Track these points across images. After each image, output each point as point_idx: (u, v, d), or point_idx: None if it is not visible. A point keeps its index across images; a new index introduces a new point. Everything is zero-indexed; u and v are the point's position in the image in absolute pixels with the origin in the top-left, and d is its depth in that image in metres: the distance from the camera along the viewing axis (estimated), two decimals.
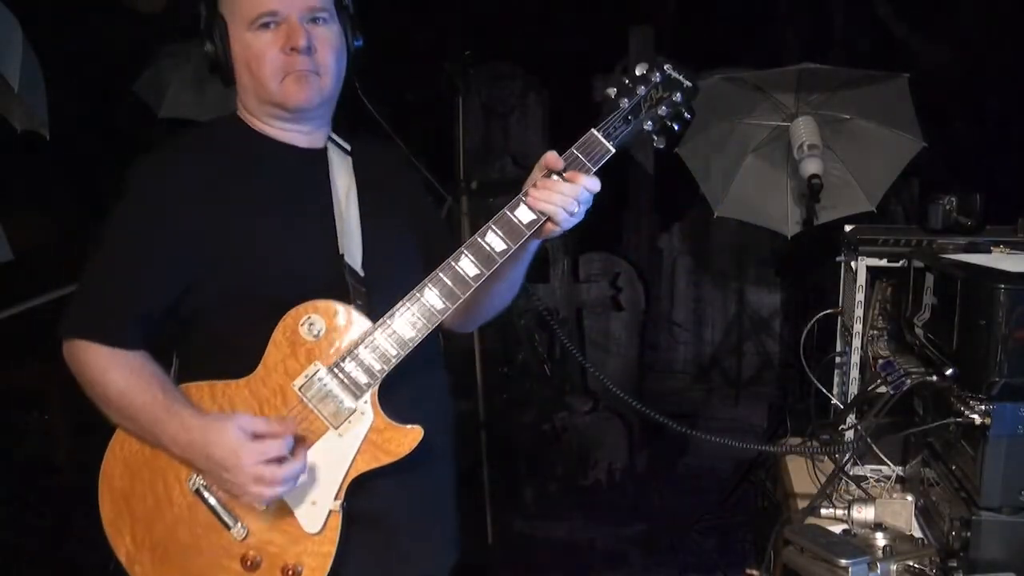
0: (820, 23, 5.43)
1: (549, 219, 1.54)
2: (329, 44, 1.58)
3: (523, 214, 1.54)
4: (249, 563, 1.54)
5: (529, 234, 1.54)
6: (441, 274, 1.53)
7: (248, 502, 1.51)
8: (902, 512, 1.79)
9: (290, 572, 1.54)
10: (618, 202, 6.23)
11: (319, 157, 1.66)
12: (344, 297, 1.56)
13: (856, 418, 2.01)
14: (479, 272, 1.53)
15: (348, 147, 1.71)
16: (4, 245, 2.88)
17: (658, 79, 1.56)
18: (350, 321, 1.54)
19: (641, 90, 1.55)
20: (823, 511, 1.88)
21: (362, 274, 1.62)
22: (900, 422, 1.91)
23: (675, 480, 4.58)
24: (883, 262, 2.07)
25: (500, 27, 5.48)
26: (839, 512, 1.85)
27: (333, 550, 1.55)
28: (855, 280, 2.10)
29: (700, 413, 5.41)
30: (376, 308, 1.56)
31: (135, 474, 1.58)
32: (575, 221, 1.56)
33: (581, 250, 5.78)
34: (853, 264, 2.12)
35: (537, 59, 5.92)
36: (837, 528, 1.76)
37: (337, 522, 1.55)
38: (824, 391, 2.22)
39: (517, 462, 4.49)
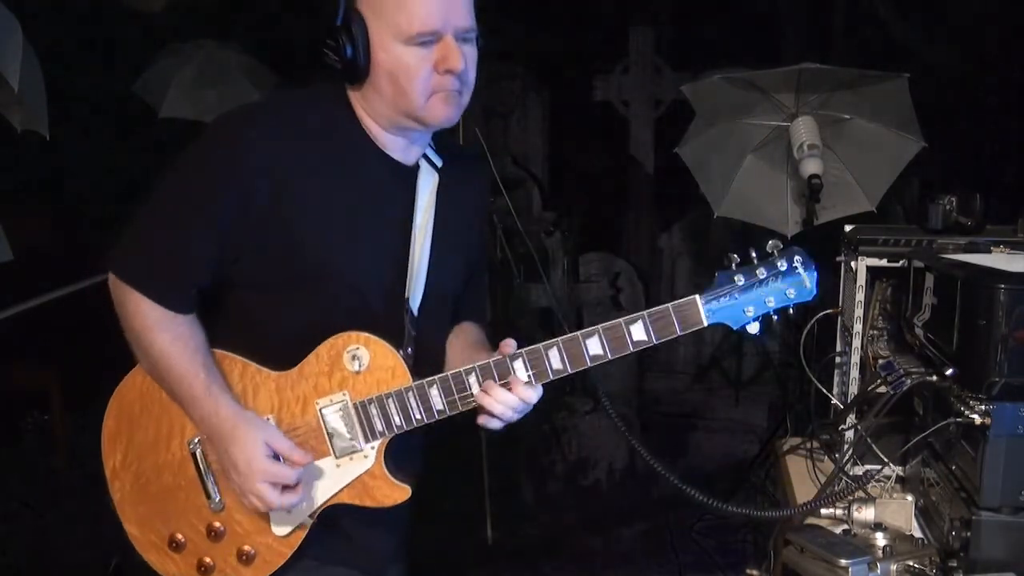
0: (820, 23, 5.44)
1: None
2: (474, 63, 1.53)
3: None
4: (213, 532, 1.60)
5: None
6: (493, 365, 1.53)
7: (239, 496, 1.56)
8: (902, 512, 1.79)
9: (244, 556, 1.60)
10: (618, 202, 6.23)
11: (409, 175, 1.61)
12: (397, 338, 1.58)
13: (856, 418, 2.01)
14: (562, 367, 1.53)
15: (439, 163, 1.65)
16: (4, 245, 2.88)
17: (784, 267, 1.48)
18: (394, 369, 1.55)
19: (762, 272, 1.48)
20: (823, 511, 1.87)
21: (416, 315, 1.63)
22: (900, 422, 1.91)
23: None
24: (883, 262, 2.06)
25: (500, 27, 5.48)
26: (839, 512, 1.85)
27: (289, 554, 1.61)
28: (855, 280, 2.10)
29: (700, 413, 5.41)
30: (416, 348, 1.60)
31: (146, 406, 1.62)
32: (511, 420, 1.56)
33: (581, 250, 5.79)
34: (853, 264, 2.12)
35: (537, 59, 5.93)
36: (837, 528, 1.76)
37: (303, 534, 1.60)
38: (824, 391, 2.22)
39: (517, 462, 4.49)
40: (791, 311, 1.49)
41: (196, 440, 1.59)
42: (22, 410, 4.75)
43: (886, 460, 1.95)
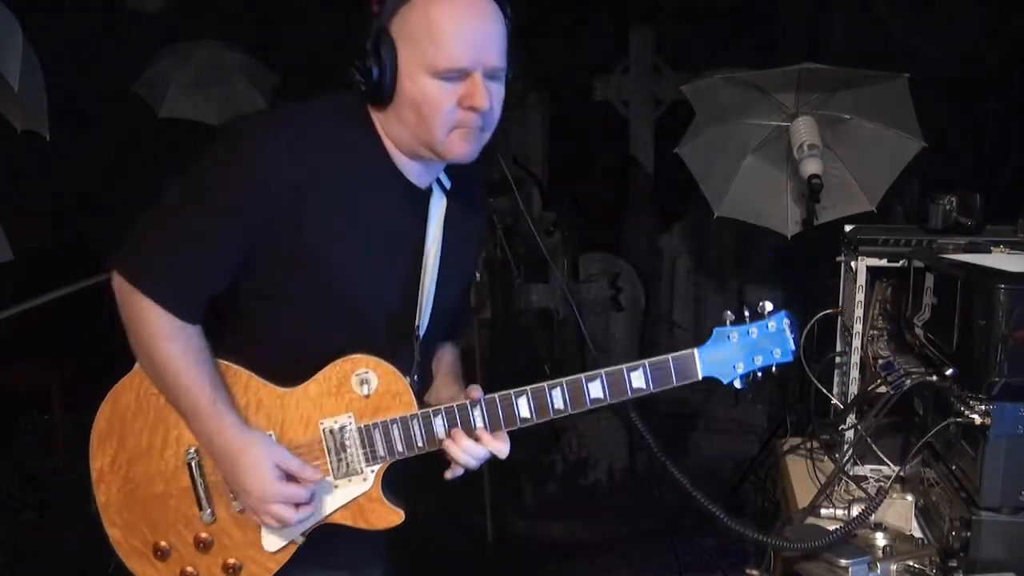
0: (820, 23, 5.43)
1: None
2: (500, 101, 1.51)
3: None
4: (201, 543, 1.60)
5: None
6: (497, 398, 1.56)
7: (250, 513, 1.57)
8: (902, 512, 1.79)
9: (230, 568, 1.61)
10: (618, 202, 6.23)
11: (422, 198, 1.60)
12: (405, 364, 1.59)
13: (856, 418, 2.01)
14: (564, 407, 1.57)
15: (448, 185, 1.64)
16: (4, 245, 2.88)
17: (773, 329, 1.55)
18: (401, 396, 1.57)
19: (754, 332, 1.54)
20: (823, 511, 1.87)
21: (422, 339, 1.64)
22: (900, 422, 1.91)
23: (675, 480, 4.57)
24: (883, 262, 2.07)
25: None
26: (839, 512, 1.85)
27: (276, 569, 1.61)
28: (855, 280, 2.10)
29: (700, 413, 5.40)
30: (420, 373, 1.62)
31: (141, 410, 1.61)
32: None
33: (581, 250, 5.79)
34: (853, 264, 2.12)
35: (537, 59, 5.92)
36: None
37: (292, 550, 1.61)
38: (824, 391, 2.22)
39: (517, 462, 4.49)
40: (773, 370, 1.56)
41: (193, 450, 1.58)
42: (22, 410, 4.75)
43: (886, 460, 1.95)
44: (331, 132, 1.52)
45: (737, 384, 1.56)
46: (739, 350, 1.54)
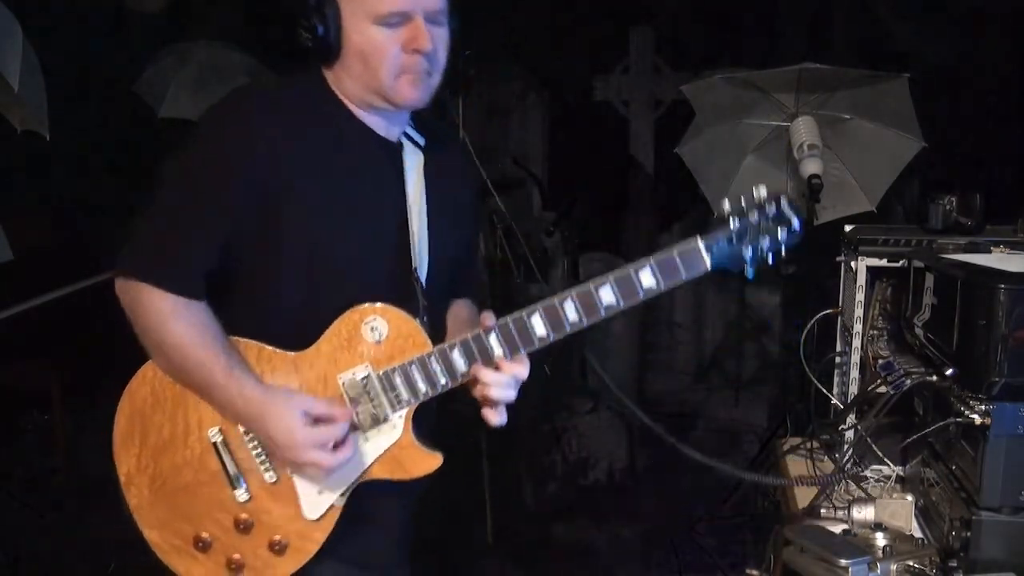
0: (820, 23, 5.44)
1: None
2: (444, 44, 1.56)
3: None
4: (242, 525, 1.57)
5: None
6: (510, 321, 1.53)
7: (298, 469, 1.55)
8: (902, 512, 1.79)
9: (276, 546, 1.57)
10: (618, 202, 6.23)
11: (395, 150, 1.64)
12: (411, 308, 1.58)
13: (856, 418, 2.01)
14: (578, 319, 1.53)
15: (422, 141, 1.69)
16: (4, 245, 2.88)
17: (772, 212, 1.53)
18: (413, 337, 1.56)
19: (754, 217, 1.52)
20: (823, 511, 1.88)
21: (425, 287, 1.64)
22: (900, 422, 1.91)
23: (675, 480, 4.57)
24: (883, 262, 2.07)
25: (500, 27, 5.48)
26: (839, 512, 1.85)
27: (323, 539, 1.58)
28: (855, 280, 2.10)
29: (700, 413, 5.41)
30: (428, 317, 1.61)
31: (159, 402, 1.59)
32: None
33: (581, 250, 5.78)
34: (853, 264, 2.12)
35: (537, 59, 5.93)
36: (837, 528, 1.76)
37: (335, 516, 1.57)
38: (824, 391, 2.23)
39: (517, 462, 4.49)
40: (783, 253, 1.54)
41: (216, 430, 1.57)
42: (22, 410, 4.75)
43: (886, 460, 1.96)
44: (300, 100, 1.58)
45: (749, 273, 1.54)
46: (743, 236, 1.51)
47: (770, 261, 1.54)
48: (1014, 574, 1.52)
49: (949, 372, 1.61)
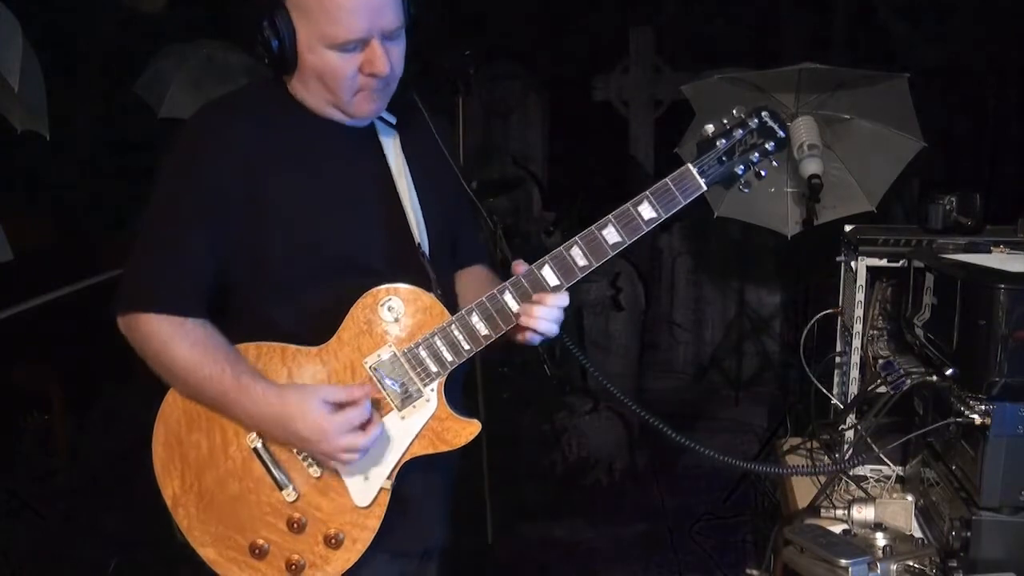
0: (820, 23, 5.44)
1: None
2: (401, 58, 1.56)
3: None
4: (295, 524, 1.57)
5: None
6: (523, 278, 1.57)
7: (334, 465, 1.55)
8: (902, 512, 1.79)
9: (332, 540, 1.57)
10: (618, 202, 6.23)
11: (367, 134, 1.65)
12: (424, 284, 1.60)
13: (856, 418, 2.01)
14: (588, 263, 1.59)
15: (393, 120, 1.69)
16: (4, 245, 2.88)
17: (755, 125, 1.59)
18: (430, 309, 1.58)
19: (738, 133, 1.58)
20: (823, 511, 1.87)
21: (430, 258, 1.65)
22: (900, 422, 1.91)
23: (675, 480, 4.57)
24: (883, 262, 2.07)
25: (500, 27, 5.48)
26: (839, 512, 1.85)
27: (377, 525, 1.58)
28: (855, 280, 2.10)
29: (700, 413, 5.40)
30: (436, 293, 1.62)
31: (193, 421, 1.59)
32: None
33: None
34: (853, 264, 2.12)
35: (537, 59, 5.93)
36: (837, 528, 1.76)
37: (386, 499, 1.58)
38: (824, 391, 2.23)
39: (517, 462, 4.49)
40: (774, 163, 1.61)
41: (254, 435, 1.57)
42: (22, 410, 4.75)
43: (886, 460, 1.95)
44: (267, 107, 1.59)
45: (743, 187, 1.61)
46: (732, 153, 1.58)
47: (762, 174, 1.61)
48: (1014, 574, 1.52)
49: (949, 372, 1.61)
